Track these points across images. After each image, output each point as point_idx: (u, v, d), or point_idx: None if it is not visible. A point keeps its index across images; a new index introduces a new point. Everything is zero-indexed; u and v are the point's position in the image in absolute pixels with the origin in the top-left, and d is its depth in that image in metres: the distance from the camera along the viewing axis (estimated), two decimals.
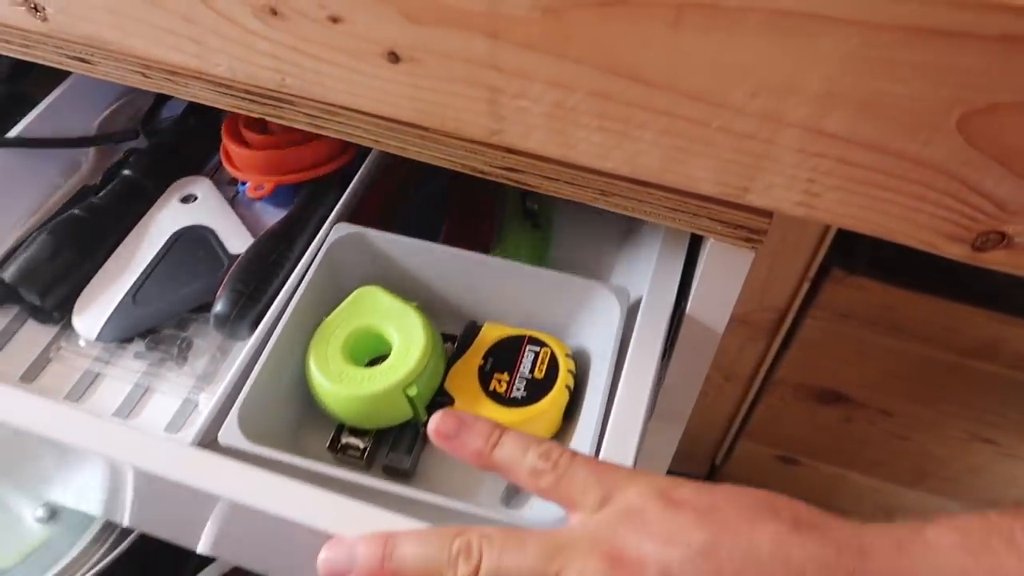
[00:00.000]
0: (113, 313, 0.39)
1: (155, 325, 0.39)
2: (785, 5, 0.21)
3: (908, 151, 0.23)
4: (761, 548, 0.22)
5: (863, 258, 0.54)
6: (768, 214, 0.30)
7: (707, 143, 0.25)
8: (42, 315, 0.40)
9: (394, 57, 0.27)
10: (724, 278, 0.34)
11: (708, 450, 0.85)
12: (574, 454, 0.25)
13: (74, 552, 0.40)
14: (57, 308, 0.39)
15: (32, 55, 0.37)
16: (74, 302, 0.39)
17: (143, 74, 0.36)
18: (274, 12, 0.27)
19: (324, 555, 0.25)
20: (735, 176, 0.26)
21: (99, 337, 0.38)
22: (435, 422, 0.27)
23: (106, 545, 0.41)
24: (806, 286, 0.55)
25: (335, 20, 0.26)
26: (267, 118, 0.35)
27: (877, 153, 0.23)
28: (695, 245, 0.38)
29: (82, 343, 0.39)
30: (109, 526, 0.41)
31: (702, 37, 0.22)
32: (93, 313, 0.39)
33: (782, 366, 0.63)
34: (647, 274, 0.38)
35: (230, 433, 0.31)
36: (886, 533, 0.22)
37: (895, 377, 0.57)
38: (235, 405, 0.32)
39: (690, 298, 0.36)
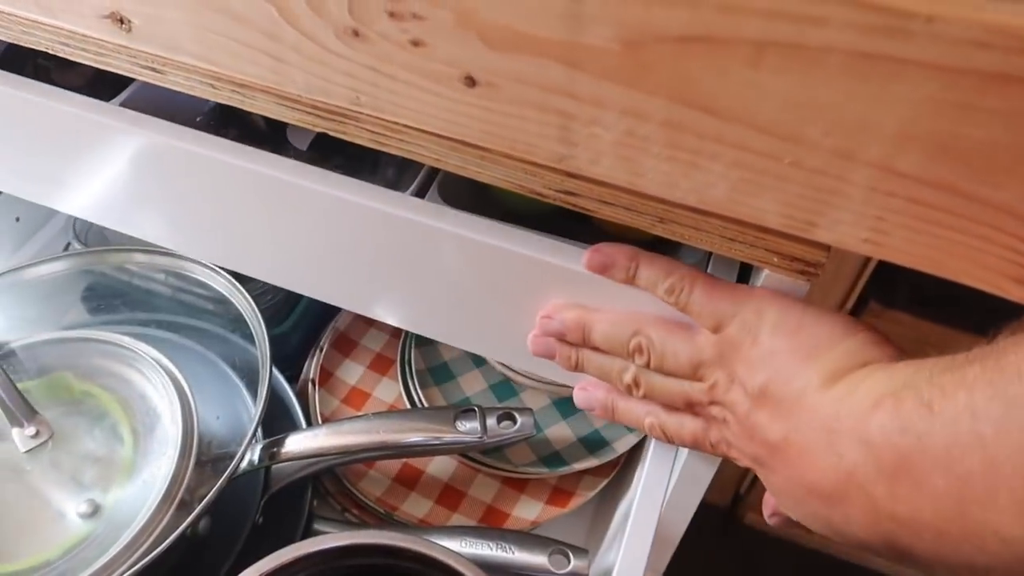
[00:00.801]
0: None
1: None
2: (866, 47, 0.21)
3: (980, 194, 0.23)
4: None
5: (903, 292, 0.54)
6: (827, 247, 0.30)
7: (777, 177, 0.25)
8: None
9: (471, 81, 0.27)
10: None
11: (732, 479, 0.85)
12: (693, 281, 0.32)
13: (116, 548, 0.41)
14: None
15: (103, 63, 0.38)
16: None
17: (212, 85, 0.37)
18: (356, 34, 0.28)
19: (542, 314, 0.36)
20: (803, 211, 0.26)
21: None
22: (585, 260, 0.34)
23: (149, 541, 0.41)
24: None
25: (416, 44, 0.27)
26: (329, 133, 0.36)
27: (948, 194, 0.24)
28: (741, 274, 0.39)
29: None
30: (152, 523, 0.42)
31: (780, 75, 0.23)
32: None
33: None
34: None
35: None
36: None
37: None
38: None
39: None
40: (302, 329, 0.62)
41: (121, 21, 0.32)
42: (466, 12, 0.25)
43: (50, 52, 0.39)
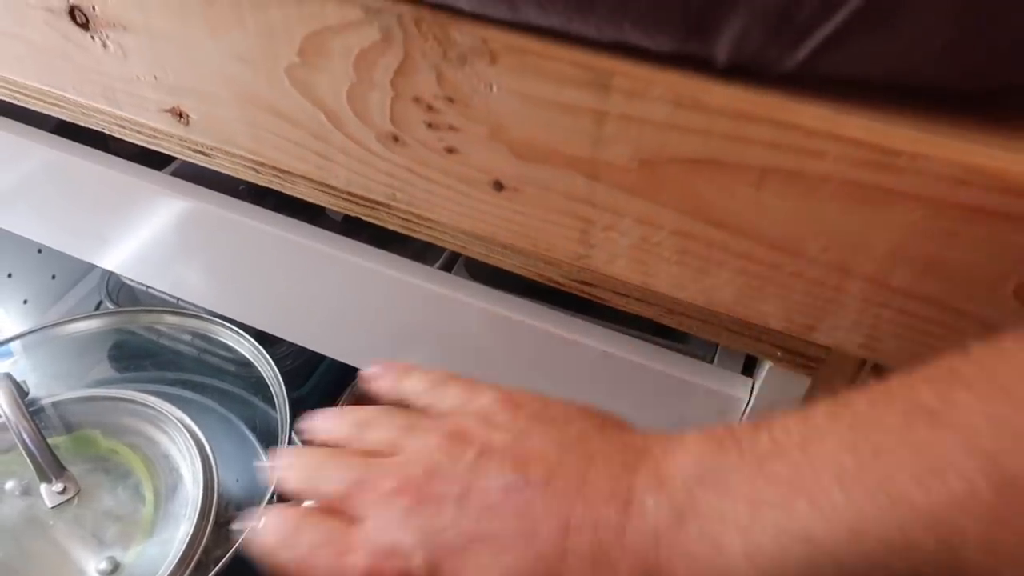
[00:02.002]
0: None
1: None
2: (859, 178, 0.24)
3: (967, 309, 0.25)
4: (566, 434, 0.26)
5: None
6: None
7: (779, 285, 0.28)
8: None
9: (499, 186, 0.30)
10: (778, 400, 0.36)
11: None
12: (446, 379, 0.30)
13: None
14: None
15: (156, 144, 0.42)
16: None
17: (256, 170, 0.40)
18: (396, 139, 0.30)
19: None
20: (803, 315, 0.28)
21: None
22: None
23: None
24: None
25: (451, 151, 0.30)
26: (362, 218, 0.38)
27: (938, 308, 0.26)
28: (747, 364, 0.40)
29: None
30: None
31: (782, 197, 0.25)
32: None
33: None
34: None
35: None
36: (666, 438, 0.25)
37: None
38: None
39: (743, 420, 0.38)
40: (319, 393, 0.64)
41: (180, 115, 0.35)
42: (498, 127, 0.28)
43: (105, 132, 0.42)
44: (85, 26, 0.33)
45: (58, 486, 0.47)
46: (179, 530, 0.46)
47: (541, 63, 0.25)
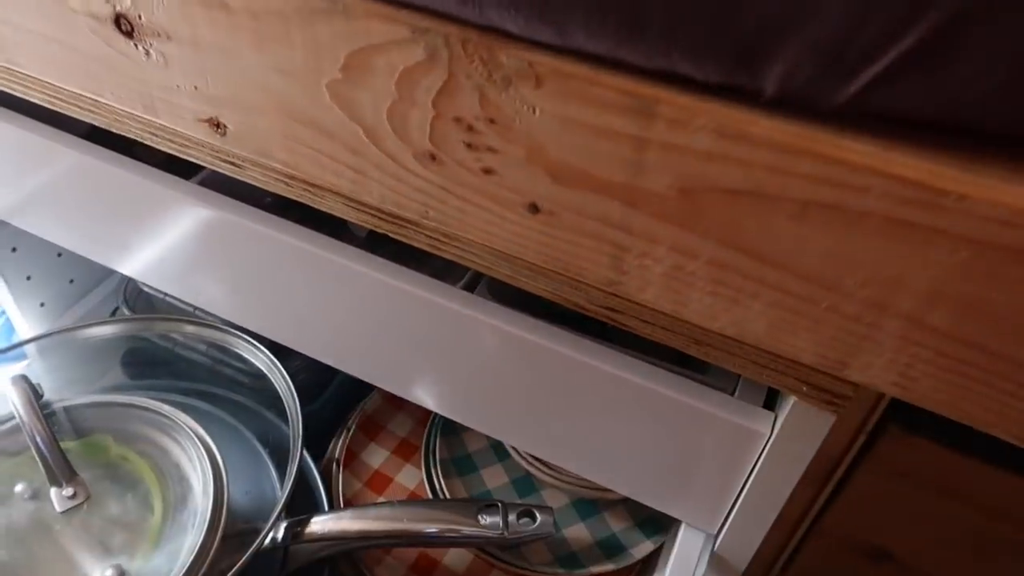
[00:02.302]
0: None
1: None
2: (902, 215, 0.24)
3: (1005, 352, 0.25)
4: None
5: (928, 417, 0.55)
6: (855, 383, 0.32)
7: (814, 319, 0.27)
8: None
9: (534, 208, 0.30)
10: (801, 437, 0.36)
11: None
12: None
13: None
14: None
15: (186, 154, 0.42)
16: None
17: (286, 183, 0.40)
18: (434, 158, 0.30)
19: None
20: (836, 351, 0.28)
21: None
22: None
23: None
24: (862, 438, 0.56)
25: (488, 171, 0.30)
26: (389, 235, 0.38)
27: (976, 351, 0.25)
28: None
29: None
30: None
31: (822, 231, 0.25)
32: None
33: (829, 516, 0.63)
34: None
35: None
36: None
37: (950, 545, 0.57)
38: None
39: (763, 455, 0.37)
40: (331, 408, 0.64)
41: (218, 126, 0.35)
42: (537, 150, 0.28)
43: (137, 140, 0.43)
44: (130, 34, 0.33)
45: (68, 491, 0.47)
46: (186, 541, 0.46)
47: (586, 88, 0.26)
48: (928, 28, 0.21)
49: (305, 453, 0.59)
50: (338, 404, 0.64)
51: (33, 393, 0.49)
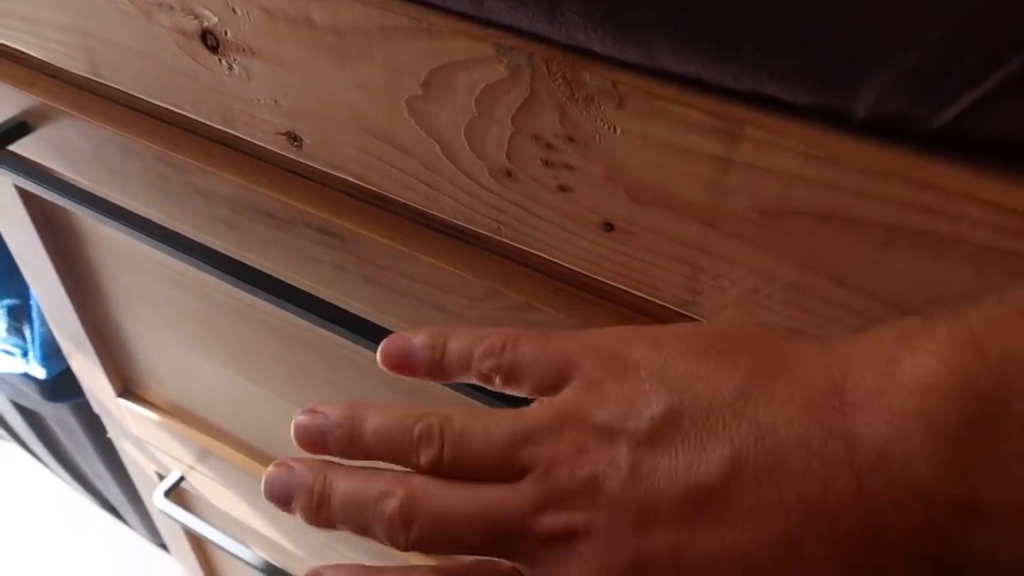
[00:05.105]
0: None
1: None
2: (997, 243, 0.23)
3: None
4: (724, 411, 0.20)
5: None
6: None
7: None
8: None
9: (609, 227, 0.30)
10: None
11: None
12: (518, 337, 0.24)
13: None
14: None
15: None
16: None
17: (352, 195, 0.40)
18: (509, 174, 0.31)
19: (299, 419, 0.24)
20: None
21: None
22: (379, 355, 0.25)
23: None
24: None
25: (563, 188, 0.30)
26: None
27: None
28: None
29: None
30: None
31: (910, 257, 0.25)
32: None
33: None
34: None
35: None
36: (870, 352, 0.20)
37: None
38: None
39: None
40: None
41: (294, 139, 0.36)
42: (616, 168, 0.28)
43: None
44: (215, 49, 0.34)
45: None
46: None
47: (670, 108, 0.26)
48: None
49: None
50: None
51: None
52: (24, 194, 0.56)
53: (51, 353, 0.81)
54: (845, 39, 0.22)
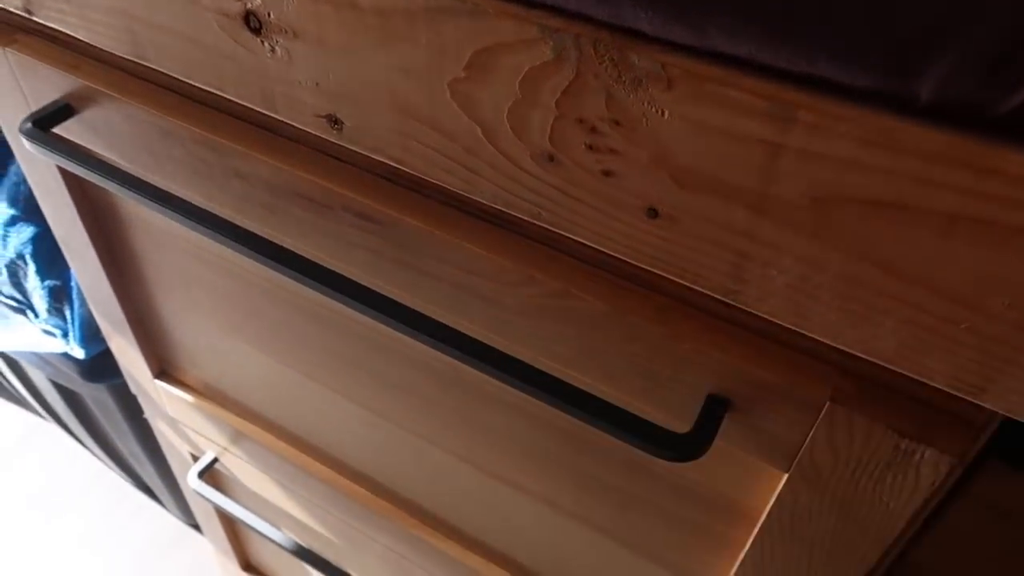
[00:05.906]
0: None
1: None
2: None
3: None
4: None
5: None
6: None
7: (951, 340, 0.26)
8: None
9: (653, 213, 0.29)
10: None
11: None
12: None
13: None
14: None
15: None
16: None
17: (390, 179, 0.40)
18: (552, 158, 0.30)
19: None
20: (973, 375, 0.26)
21: None
22: None
23: None
24: (959, 471, 0.53)
25: (607, 173, 0.29)
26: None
27: None
28: None
29: None
30: None
31: (970, 247, 0.24)
32: None
33: (920, 550, 0.60)
34: None
35: None
36: None
37: None
38: None
39: None
40: None
41: (335, 122, 0.36)
42: (662, 153, 0.28)
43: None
44: (257, 31, 0.34)
45: None
46: None
47: (721, 91, 0.25)
48: None
49: None
50: None
51: None
52: (67, 176, 0.56)
53: (90, 334, 0.82)
54: (908, 19, 0.21)
